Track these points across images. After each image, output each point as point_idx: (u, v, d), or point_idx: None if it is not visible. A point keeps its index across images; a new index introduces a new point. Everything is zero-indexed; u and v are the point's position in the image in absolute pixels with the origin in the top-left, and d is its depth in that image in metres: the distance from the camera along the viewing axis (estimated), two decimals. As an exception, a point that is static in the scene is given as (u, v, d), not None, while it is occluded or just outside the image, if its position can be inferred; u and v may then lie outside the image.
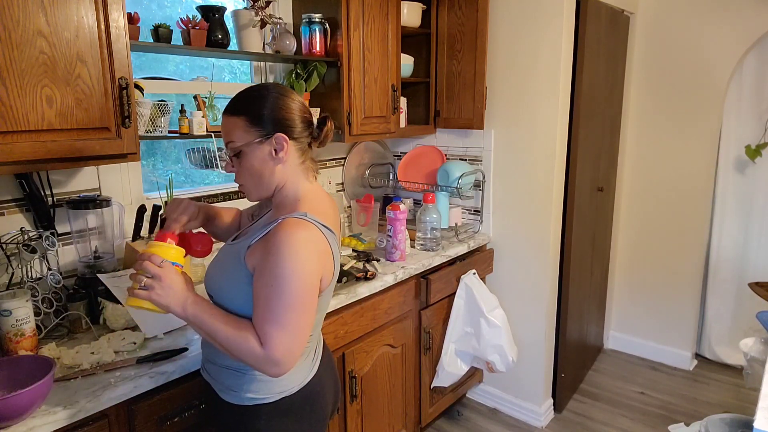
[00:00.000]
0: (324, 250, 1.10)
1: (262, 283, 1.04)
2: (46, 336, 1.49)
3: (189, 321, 1.07)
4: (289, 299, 1.02)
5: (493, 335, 2.31)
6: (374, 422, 2.10)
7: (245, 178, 1.16)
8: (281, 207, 1.17)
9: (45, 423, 1.11)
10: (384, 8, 2.22)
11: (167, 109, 1.73)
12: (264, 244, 1.07)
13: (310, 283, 1.06)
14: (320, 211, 1.15)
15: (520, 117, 2.47)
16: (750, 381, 2.10)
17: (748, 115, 2.98)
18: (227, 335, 1.04)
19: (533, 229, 2.51)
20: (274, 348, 1.02)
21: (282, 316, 1.02)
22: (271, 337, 1.02)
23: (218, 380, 1.18)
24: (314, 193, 1.19)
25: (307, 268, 1.05)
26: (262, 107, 1.12)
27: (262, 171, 1.14)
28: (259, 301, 1.05)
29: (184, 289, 1.06)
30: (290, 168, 1.15)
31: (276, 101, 1.13)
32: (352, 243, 2.36)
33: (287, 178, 1.16)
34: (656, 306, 3.22)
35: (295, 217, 1.08)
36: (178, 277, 1.07)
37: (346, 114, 2.14)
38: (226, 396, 1.17)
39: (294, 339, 1.04)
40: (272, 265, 1.03)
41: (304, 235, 1.05)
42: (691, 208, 3.04)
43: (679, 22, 2.91)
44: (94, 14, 1.34)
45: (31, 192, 1.56)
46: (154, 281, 1.03)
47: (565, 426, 2.62)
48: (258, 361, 1.03)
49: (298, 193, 1.17)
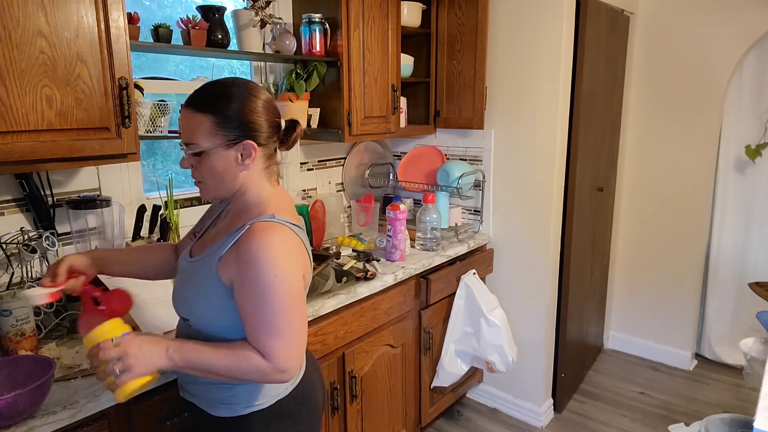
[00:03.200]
0: (299, 248, 1.07)
1: (247, 296, 1.00)
2: (46, 336, 1.49)
3: (181, 367, 1.00)
4: (280, 306, 0.99)
5: (493, 335, 2.31)
6: (374, 422, 2.10)
7: (204, 177, 1.09)
8: (243, 212, 1.12)
9: (45, 423, 1.11)
10: (384, 8, 2.22)
11: (167, 109, 1.73)
12: (236, 254, 1.02)
13: (296, 285, 1.03)
14: (286, 211, 1.11)
15: (520, 117, 2.47)
16: (750, 381, 2.10)
17: (748, 115, 2.98)
18: (226, 363, 1.00)
19: (533, 229, 2.51)
20: (279, 358, 1.00)
21: (278, 325, 1.00)
22: (273, 348, 1.00)
23: (206, 397, 1.13)
24: (277, 195, 1.14)
25: (290, 271, 1.02)
26: (229, 108, 1.04)
27: (224, 175, 1.08)
28: (248, 314, 1.01)
29: (157, 343, 0.99)
30: (254, 173, 1.10)
31: (245, 103, 1.06)
32: (352, 243, 2.36)
33: (250, 183, 1.11)
34: (656, 306, 3.22)
35: (264, 221, 1.04)
36: (141, 339, 0.99)
37: (346, 114, 2.14)
38: (217, 411, 1.12)
39: (295, 343, 1.03)
40: (254, 276, 0.99)
41: (278, 237, 1.02)
42: (691, 208, 3.04)
43: (679, 22, 2.91)
44: (94, 14, 1.34)
45: (31, 192, 1.55)
46: (124, 360, 0.95)
47: (565, 426, 2.62)
48: (265, 375, 1.01)
49: (260, 197, 1.12)
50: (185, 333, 1.16)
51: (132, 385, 0.96)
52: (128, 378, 0.95)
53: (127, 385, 0.96)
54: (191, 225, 1.99)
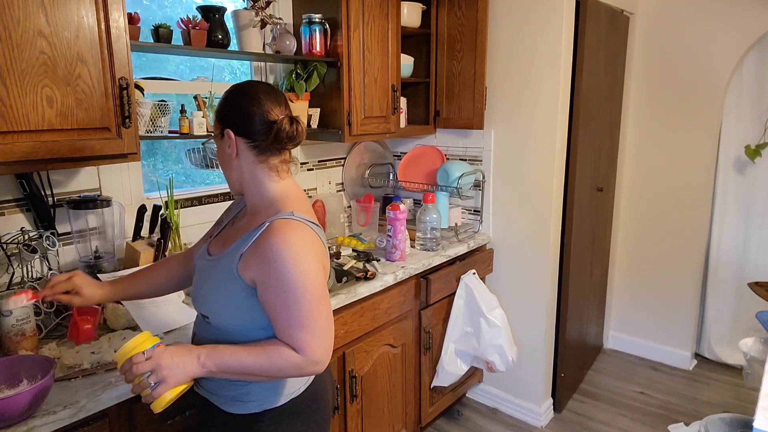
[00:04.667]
0: (318, 244, 1.11)
1: (273, 294, 1.03)
2: (47, 336, 1.49)
3: (215, 373, 1.04)
4: (306, 300, 1.03)
5: (493, 335, 2.31)
6: (374, 422, 2.10)
7: (221, 168, 1.22)
8: (260, 210, 1.15)
9: (45, 423, 1.11)
10: (384, 8, 2.22)
11: (167, 109, 1.73)
12: (256, 253, 1.05)
13: (319, 279, 1.06)
14: (304, 209, 1.14)
15: (520, 117, 2.47)
16: (750, 381, 2.10)
17: (747, 115, 2.98)
18: (260, 363, 1.03)
19: (533, 229, 2.51)
20: (311, 350, 1.03)
21: (307, 319, 1.03)
22: (305, 342, 1.03)
23: (220, 393, 1.15)
24: (289, 191, 1.17)
25: (312, 264, 1.05)
26: (221, 103, 1.17)
27: (225, 164, 1.18)
28: (277, 311, 1.04)
29: (188, 353, 1.03)
30: (246, 165, 1.14)
31: (234, 99, 1.15)
32: (352, 243, 2.36)
33: (249, 176, 1.15)
34: (656, 306, 3.23)
35: (283, 218, 1.07)
36: (171, 349, 1.02)
37: (346, 114, 2.15)
38: (231, 407, 1.14)
39: (325, 334, 1.06)
40: (278, 273, 1.02)
41: (297, 235, 1.05)
42: (691, 208, 3.04)
43: (679, 22, 2.91)
44: (94, 14, 1.34)
45: (31, 192, 1.56)
46: (157, 372, 0.99)
47: (564, 426, 2.62)
48: (300, 368, 1.04)
49: (270, 192, 1.15)
50: (204, 330, 1.18)
51: (167, 396, 1.00)
52: (163, 390, 0.99)
53: (163, 397, 0.99)
54: (191, 225, 2.01)
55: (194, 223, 2.03)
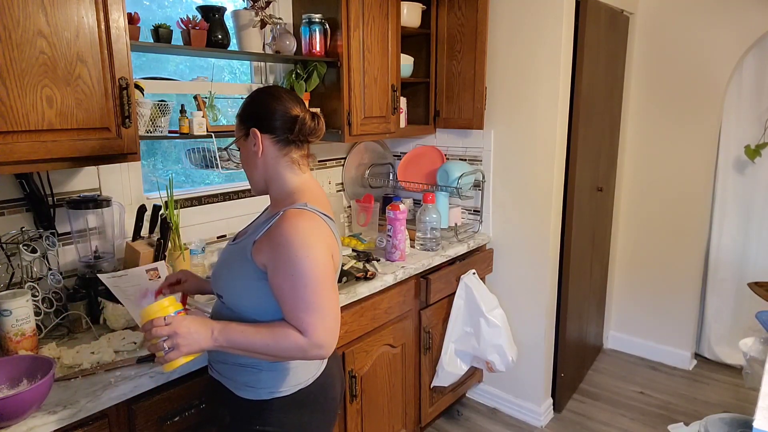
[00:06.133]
0: (328, 235, 1.16)
1: (282, 276, 1.08)
2: (47, 336, 1.49)
3: (224, 348, 1.09)
4: (313, 284, 1.06)
5: (493, 335, 2.31)
6: (374, 422, 2.10)
7: (245, 170, 1.26)
8: (278, 201, 1.22)
9: (45, 423, 1.11)
10: (384, 8, 2.22)
11: (167, 109, 1.73)
12: (269, 239, 1.10)
13: (326, 266, 1.10)
14: (319, 202, 1.20)
15: (520, 117, 2.47)
16: (750, 381, 2.10)
17: (747, 116, 2.98)
18: (266, 342, 1.07)
19: (533, 229, 2.51)
20: (316, 333, 1.06)
21: (314, 302, 1.06)
22: (310, 324, 1.06)
23: (232, 378, 1.20)
24: (307, 185, 1.23)
25: (320, 251, 1.09)
26: (245, 106, 1.22)
27: (249, 164, 1.23)
28: (284, 294, 1.08)
29: (203, 325, 1.08)
30: (271, 160, 1.20)
31: (258, 99, 1.20)
32: (352, 243, 2.36)
33: (272, 171, 1.21)
34: (656, 306, 3.23)
35: (296, 208, 1.13)
36: (189, 320, 1.08)
37: (345, 114, 2.15)
38: (242, 392, 1.19)
39: (330, 318, 1.09)
40: (286, 258, 1.07)
41: (307, 223, 1.11)
42: (690, 208, 3.04)
43: (678, 22, 2.91)
44: (94, 14, 1.34)
45: (31, 192, 1.56)
46: (173, 339, 1.04)
47: (564, 426, 2.62)
48: (304, 351, 1.07)
49: (289, 185, 1.22)
50: (218, 309, 1.25)
51: (178, 362, 1.06)
52: (175, 356, 1.04)
53: (174, 362, 1.05)
54: (191, 225, 2.02)
55: (194, 223, 2.03)
